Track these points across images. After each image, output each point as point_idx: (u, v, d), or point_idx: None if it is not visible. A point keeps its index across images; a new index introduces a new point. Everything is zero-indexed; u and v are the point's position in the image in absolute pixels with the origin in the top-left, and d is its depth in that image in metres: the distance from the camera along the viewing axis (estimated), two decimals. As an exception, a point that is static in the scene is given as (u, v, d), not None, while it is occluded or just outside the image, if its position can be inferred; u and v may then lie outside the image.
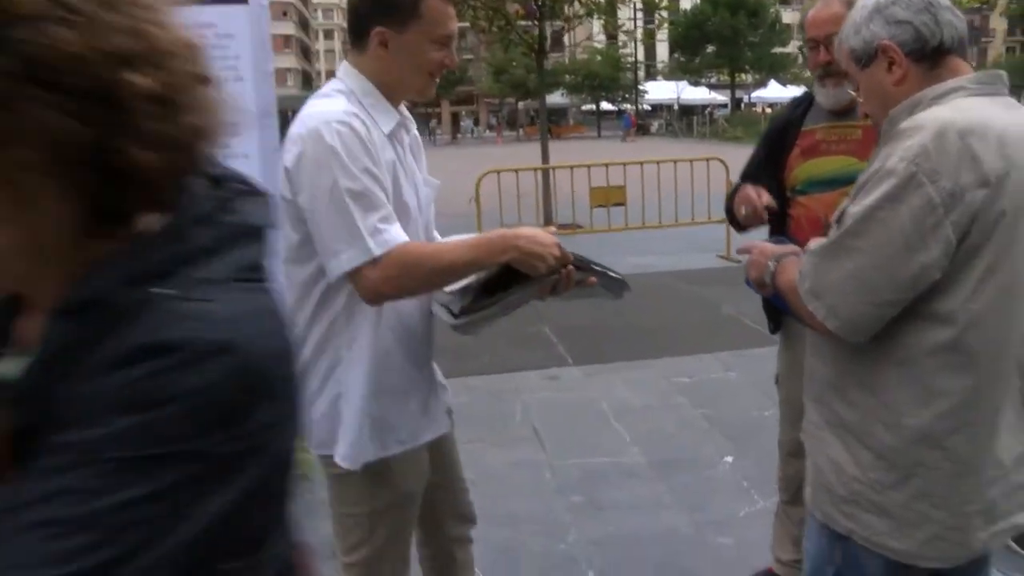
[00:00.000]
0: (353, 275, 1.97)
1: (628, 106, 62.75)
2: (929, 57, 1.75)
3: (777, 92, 59.28)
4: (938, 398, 1.70)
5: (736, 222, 2.98)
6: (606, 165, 10.76)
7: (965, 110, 1.67)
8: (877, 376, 1.77)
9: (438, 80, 2.21)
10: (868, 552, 1.82)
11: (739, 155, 2.37)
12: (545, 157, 12.97)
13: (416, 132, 2.35)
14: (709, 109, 60.10)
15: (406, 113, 2.25)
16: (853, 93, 1.95)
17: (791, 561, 3.17)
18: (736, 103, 64.73)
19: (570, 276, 2.08)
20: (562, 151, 27.30)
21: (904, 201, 1.61)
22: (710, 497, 4.16)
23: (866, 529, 1.81)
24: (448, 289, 2.06)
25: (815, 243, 1.81)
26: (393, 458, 2.22)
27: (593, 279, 2.17)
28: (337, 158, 1.93)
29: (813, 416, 1.95)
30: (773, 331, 3.15)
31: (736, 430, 4.90)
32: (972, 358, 1.68)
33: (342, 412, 2.15)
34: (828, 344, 1.85)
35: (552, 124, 56.10)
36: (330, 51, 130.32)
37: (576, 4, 14.44)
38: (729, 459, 4.54)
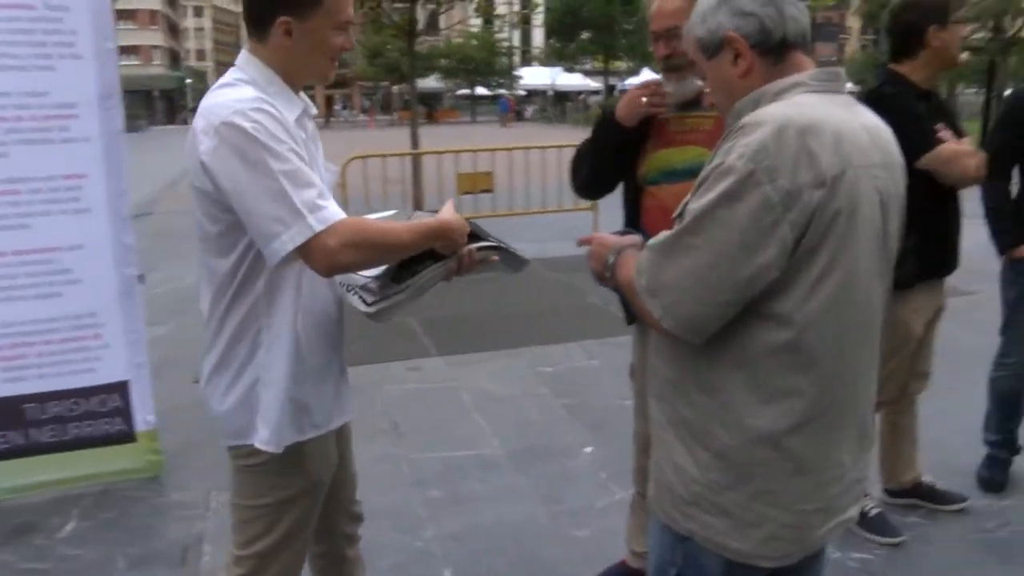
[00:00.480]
0: (304, 250, 1.94)
1: (505, 91, 62.81)
2: (774, 51, 1.74)
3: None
4: (777, 398, 1.69)
5: (607, 150, 2.94)
6: (474, 152, 10.69)
7: (804, 107, 1.65)
8: (716, 376, 1.73)
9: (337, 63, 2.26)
10: (708, 552, 1.81)
11: None
12: (415, 143, 12.81)
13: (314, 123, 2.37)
14: (583, 95, 60.75)
15: (308, 101, 2.26)
16: (701, 83, 1.94)
17: (645, 553, 3.18)
18: (610, 90, 65.56)
19: (472, 257, 2.21)
20: (436, 136, 27.14)
21: (742, 199, 1.58)
22: (568, 488, 4.16)
23: (706, 529, 1.79)
24: (364, 274, 2.14)
25: (654, 239, 1.76)
26: (307, 443, 2.26)
27: (495, 257, 2.25)
28: (260, 142, 1.93)
29: (656, 414, 1.92)
30: (629, 322, 3.14)
31: (597, 420, 4.93)
32: (810, 359, 1.67)
33: (261, 396, 2.17)
34: (667, 342, 1.82)
35: (428, 108, 55.60)
36: (200, 29, 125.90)
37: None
38: (588, 449, 4.55)
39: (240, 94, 2.03)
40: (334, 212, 1.97)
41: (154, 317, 7.31)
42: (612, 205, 3.23)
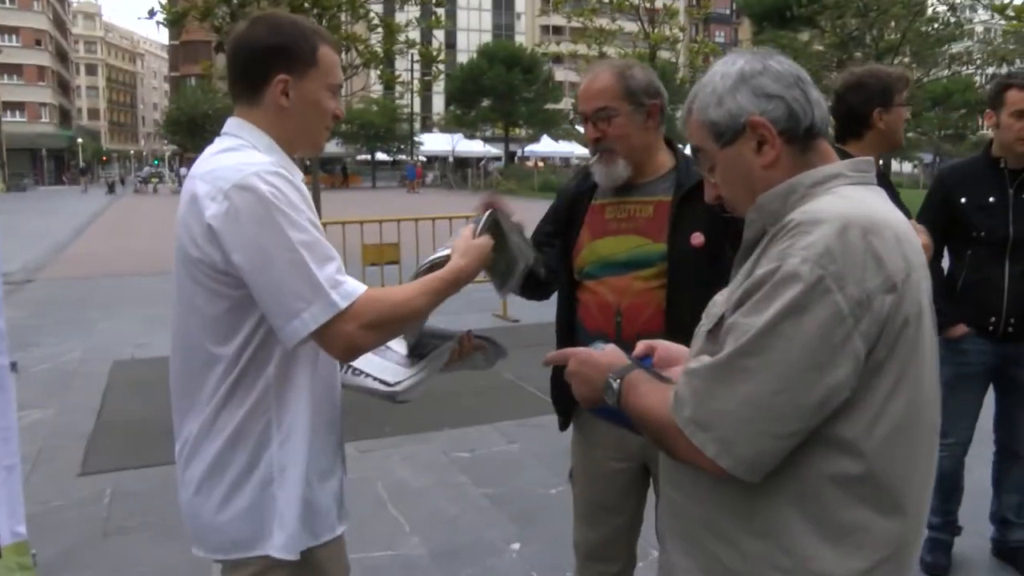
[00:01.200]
0: (321, 333, 1.79)
1: (405, 157, 62.98)
2: (801, 139, 1.54)
3: (550, 147, 61.69)
4: (844, 536, 1.45)
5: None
6: (380, 222, 10.39)
7: (858, 203, 1.46)
8: (769, 514, 1.48)
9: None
10: None
11: (513, 210, 2.14)
12: (317, 212, 12.41)
13: None
14: (483, 162, 61.36)
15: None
16: (706, 174, 1.66)
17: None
18: (510, 156, 66.53)
19: (471, 343, 2.17)
20: (339, 201, 26.74)
21: (810, 311, 1.36)
22: (496, 592, 3.83)
23: None
24: (392, 346, 2.08)
25: (696, 362, 1.49)
26: (322, 549, 2.02)
27: (484, 346, 2.20)
28: (280, 210, 1.78)
29: (680, 560, 1.64)
30: (563, 427, 2.87)
31: (522, 511, 4.61)
32: (880, 489, 1.45)
33: (277, 499, 1.93)
34: (697, 476, 1.52)
35: (343, 173, 55.60)
36: (93, 88, 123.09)
37: (353, 53, 14.12)
38: (516, 546, 4.22)
39: (249, 158, 1.87)
40: (355, 285, 1.83)
41: (32, 399, 6.74)
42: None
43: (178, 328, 1.96)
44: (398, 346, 2.16)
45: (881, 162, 3.45)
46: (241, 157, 1.88)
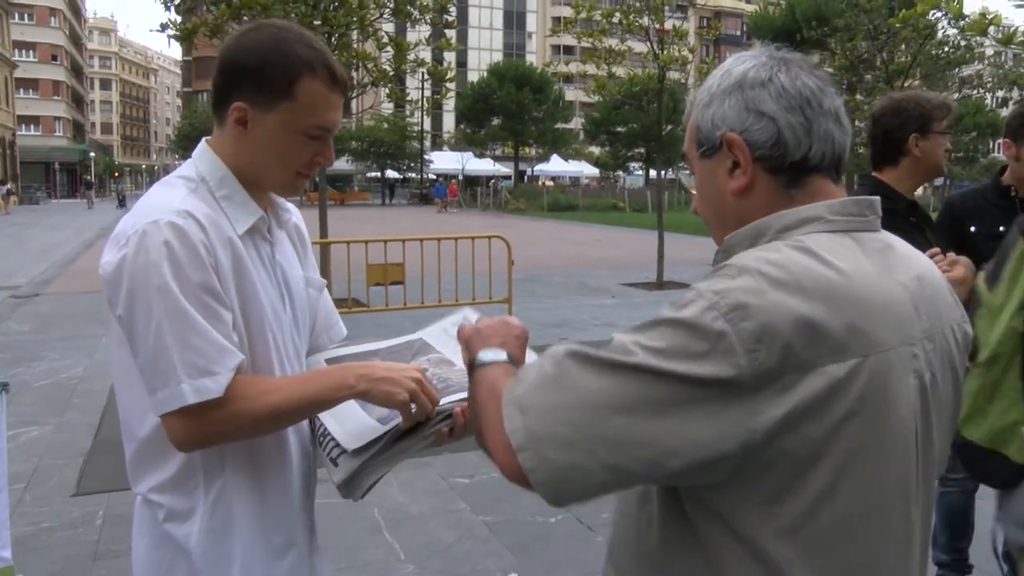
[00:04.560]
0: (166, 421, 1.61)
1: (415, 175, 63.13)
2: (786, 171, 1.28)
3: (560, 166, 61.73)
4: None
5: None
6: (384, 241, 10.34)
7: (817, 260, 1.18)
8: None
9: (309, 177, 1.82)
10: None
11: (522, 229, 1.99)
12: (324, 231, 12.39)
13: (299, 222, 2.00)
14: (493, 180, 61.48)
15: (282, 203, 1.91)
16: (691, 182, 1.42)
17: None
18: (520, 175, 66.71)
19: (468, 415, 1.72)
20: (348, 219, 26.71)
21: (699, 362, 1.11)
22: (491, 626, 3.73)
23: None
24: (353, 448, 1.72)
25: (562, 344, 1.23)
26: None
27: None
28: (158, 272, 1.57)
29: None
30: None
31: (520, 540, 4.51)
32: None
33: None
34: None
35: (335, 190, 55.16)
36: (107, 103, 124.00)
37: (362, 71, 14.12)
38: (512, 576, 4.14)
39: (167, 200, 1.65)
40: (218, 383, 1.58)
41: (31, 416, 6.69)
42: (526, 295, 2.87)
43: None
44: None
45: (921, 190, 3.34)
46: (161, 197, 1.68)
